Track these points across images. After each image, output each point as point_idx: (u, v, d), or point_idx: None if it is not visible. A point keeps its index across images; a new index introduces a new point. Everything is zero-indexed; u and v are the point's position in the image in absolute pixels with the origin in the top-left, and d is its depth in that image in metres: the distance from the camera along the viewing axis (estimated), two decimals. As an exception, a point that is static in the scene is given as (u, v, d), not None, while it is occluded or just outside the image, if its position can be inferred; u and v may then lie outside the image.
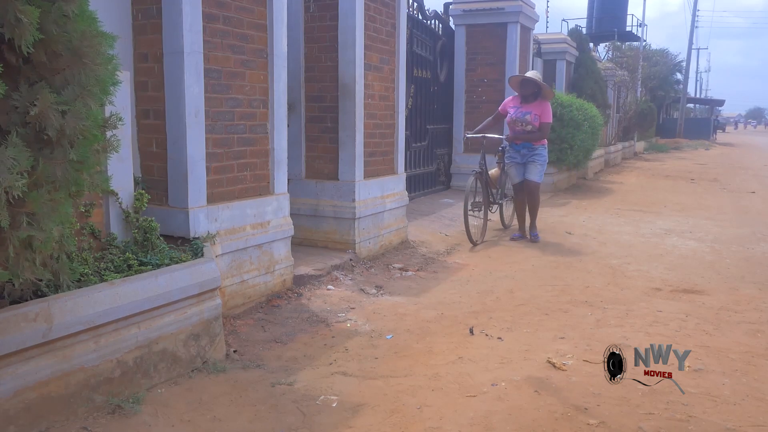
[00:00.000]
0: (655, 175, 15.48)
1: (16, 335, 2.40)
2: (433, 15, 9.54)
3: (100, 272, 3.03)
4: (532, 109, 6.70)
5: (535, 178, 6.85)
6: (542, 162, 6.86)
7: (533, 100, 6.76)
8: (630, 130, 21.41)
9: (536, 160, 6.81)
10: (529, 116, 6.68)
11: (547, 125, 6.77)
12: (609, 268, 5.65)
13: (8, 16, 1.85)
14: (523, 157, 6.84)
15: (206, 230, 3.84)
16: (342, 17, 5.42)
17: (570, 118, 10.68)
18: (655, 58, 28.70)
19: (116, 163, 3.23)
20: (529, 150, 6.79)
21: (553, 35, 14.65)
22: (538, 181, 6.88)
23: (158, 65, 3.74)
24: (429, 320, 4.17)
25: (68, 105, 2.06)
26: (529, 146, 6.77)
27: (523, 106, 6.78)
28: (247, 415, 2.81)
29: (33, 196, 2.01)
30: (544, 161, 6.88)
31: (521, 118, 6.72)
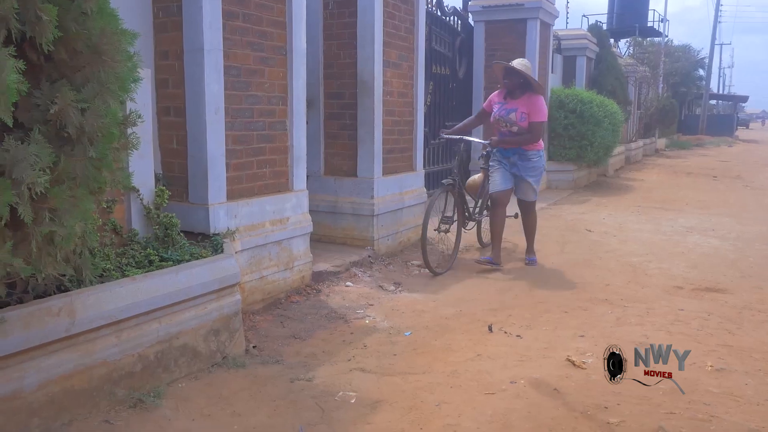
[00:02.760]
0: (676, 173, 15.30)
1: (39, 329, 2.43)
2: (452, 11, 9.49)
3: (122, 268, 3.06)
4: (519, 106, 5.37)
5: (530, 197, 5.62)
6: (537, 176, 5.54)
7: (520, 94, 5.41)
8: (651, 127, 21.17)
9: (529, 175, 5.47)
10: (515, 115, 5.36)
11: (538, 125, 5.36)
12: (629, 266, 5.60)
13: (29, 14, 1.87)
14: (513, 165, 5.49)
15: (226, 226, 3.86)
16: (361, 14, 5.42)
17: (590, 115, 10.60)
18: (677, 54, 28.32)
19: (137, 160, 3.26)
20: (520, 158, 5.44)
21: (573, 31, 14.52)
22: (533, 200, 5.68)
23: (179, 63, 3.77)
24: (447, 317, 4.16)
25: (88, 103, 2.08)
26: (520, 152, 5.44)
27: (508, 102, 5.47)
28: (266, 410, 2.82)
29: (55, 193, 2.03)
30: (539, 174, 5.56)
31: (505, 118, 5.41)
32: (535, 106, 5.34)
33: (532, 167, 5.46)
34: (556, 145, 10.88)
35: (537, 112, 5.33)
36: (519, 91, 5.40)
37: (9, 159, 1.87)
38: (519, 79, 5.35)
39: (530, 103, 5.34)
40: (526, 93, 5.38)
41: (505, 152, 5.49)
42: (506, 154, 5.49)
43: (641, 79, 19.10)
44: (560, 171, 11.03)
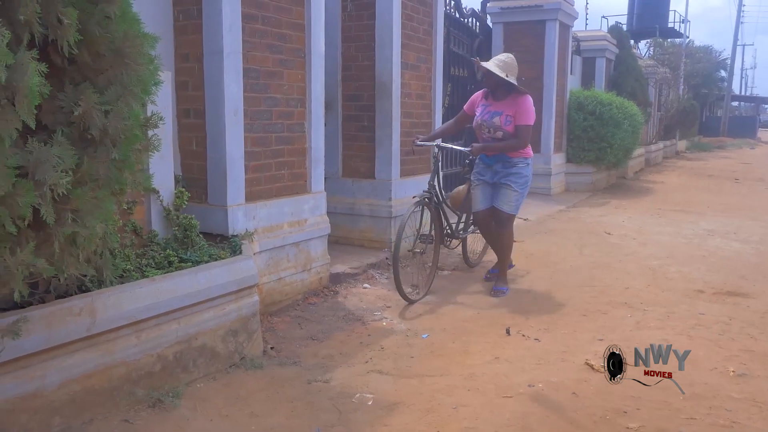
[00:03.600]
0: (697, 175, 15.13)
1: (61, 329, 2.46)
2: (470, 13, 9.47)
3: (142, 268, 3.09)
4: (504, 109, 4.64)
5: (507, 208, 4.71)
6: (520, 185, 4.70)
7: (505, 94, 4.68)
8: (672, 129, 20.94)
9: (511, 182, 4.67)
10: (498, 119, 4.63)
11: (526, 130, 4.62)
12: (649, 270, 5.54)
13: (51, 17, 1.90)
14: (495, 175, 4.74)
15: (244, 228, 3.88)
16: (379, 16, 5.43)
17: (610, 117, 10.52)
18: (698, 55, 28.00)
19: (158, 162, 3.29)
20: (503, 166, 4.70)
21: (592, 32, 14.43)
22: (512, 213, 4.75)
23: (198, 65, 3.80)
24: (465, 320, 4.15)
25: (111, 105, 2.11)
26: (504, 160, 4.69)
27: (491, 104, 4.74)
28: (283, 411, 2.83)
29: (77, 194, 2.06)
30: (523, 184, 4.73)
31: (488, 122, 4.68)
32: (522, 107, 4.61)
33: (516, 173, 4.68)
34: (575, 147, 10.81)
35: (524, 114, 4.61)
36: (503, 90, 4.67)
37: (32, 160, 1.89)
38: (499, 79, 4.61)
39: (516, 105, 4.61)
40: (512, 93, 4.66)
41: (487, 160, 4.78)
42: (488, 162, 4.77)
43: (662, 80, 18.92)
44: (579, 173, 10.95)
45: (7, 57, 1.72)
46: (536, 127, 9.89)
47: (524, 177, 4.73)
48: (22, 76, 1.76)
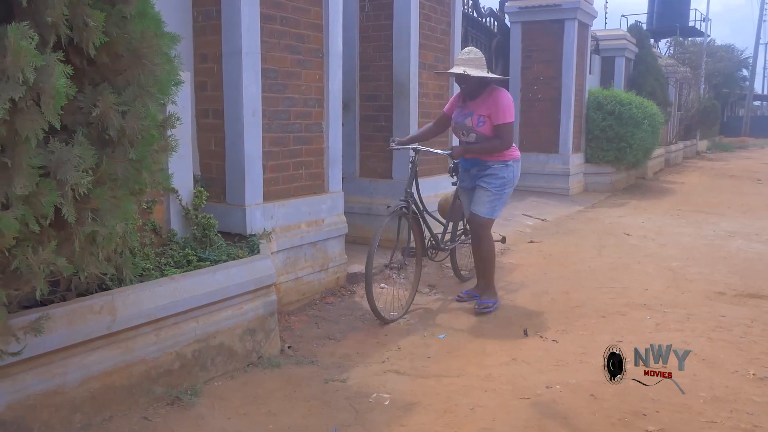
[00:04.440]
0: (718, 175, 14.94)
1: (82, 326, 2.49)
2: (488, 12, 9.45)
3: (161, 267, 3.12)
4: (475, 109, 4.21)
5: (480, 210, 4.23)
6: (496, 186, 4.21)
7: (479, 93, 4.24)
8: (692, 129, 20.71)
9: (484, 182, 4.23)
10: (470, 120, 4.21)
11: (505, 128, 4.13)
12: (669, 271, 5.48)
13: (77, 20, 1.92)
14: (472, 179, 4.38)
15: (262, 227, 3.90)
16: (397, 16, 5.43)
17: (629, 117, 10.44)
18: (719, 54, 27.68)
19: (177, 162, 3.32)
20: (480, 169, 4.30)
21: (611, 31, 14.31)
22: (486, 217, 4.24)
23: (217, 65, 3.82)
24: (482, 320, 4.14)
25: (128, 105, 2.13)
26: (480, 163, 4.29)
27: (466, 106, 4.32)
28: (300, 410, 2.84)
29: (97, 193, 2.08)
30: (500, 186, 4.22)
31: (460, 124, 4.31)
32: (498, 104, 4.12)
33: (490, 174, 4.22)
34: (594, 147, 10.73)
35: (500, 112, 4.12)
36: (478, 89, 4.23)
37: (54, 160, 1.92)
38: (476, 79, 4.17)
39: (491, 102, 4.14)
40: (487, 89, 4.22)
41: (464, 164, 4.45)
42: (466, 166, 4.44)
43: (682, 79, 18.72)
44: (598, 173, 10.87)
45: (36, 59, 1.74)
46: (554, 127, 9.98)
47: (501, 178, 4.22)
48: (49, 78, 1.79)
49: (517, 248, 6.38)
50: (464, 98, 4.36)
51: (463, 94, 4.35)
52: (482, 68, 4.19)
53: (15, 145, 1.81)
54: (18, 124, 1.78)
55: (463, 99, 4.37)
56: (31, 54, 1.73)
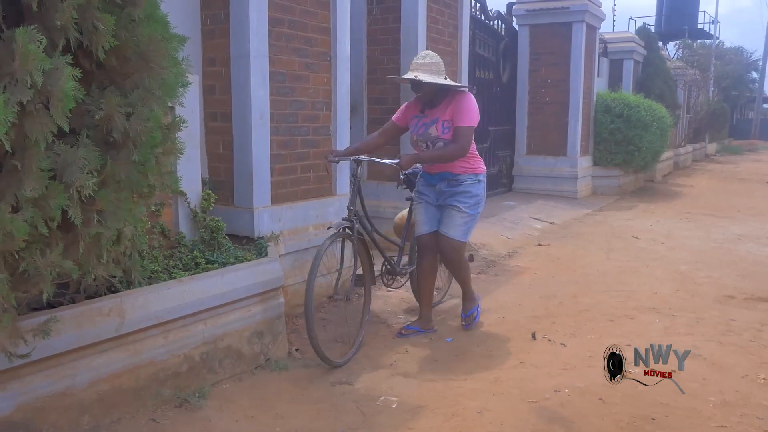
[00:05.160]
0: (727, 178, 14.87)
1: (91, 329, 2.50)
2: (495, 15, 9.44)
3: (169, 270, 3.12)
4: (439, 115, 3.73)
5: (454, 233, 3.78)
6: (470, 206, 3.77)
7: (441, 99, 3.75)
8: (701, 132, 20.62)
9: (458, 201, 3.76)
10: (434, 128, 3.73)
11: (465, 131, 3.65)
12: (678, 274, 5.45)
13: (86, 23, 1.93)
14: (439, 196, 3.85)
15: (270, 230, 3.91)
16: (404, 19, 5.43)
17: (637, 119, 10.41)
18: (728, 56, 27.59)
19: (185, 164, 3.32)
20: (449, 185, 3.80)
21: (619, 34, 14.27)
22: (461, 240, 3.81)
23: (225, 69, 3.83)
24: (490, 324, 4.12)
25: (133, 108, 2.13)
26: (448, 177, 3.79)
27: (426, 114, 3.81)
28: (308, 413, 2.84)
29: (102, 195, 2.09)
30: (474, 205, 3.79)
31: (423, 136, 3.79)
32: (460, 106, 3.68)
33: (463, 192, 3.77)
34: (602, 149, 10.70)
35: (462, 114, 3.66)
36: (439, 95, 3.76)
37: (60, 163, 1.92)
38: (435, 86, 3.71)
39: (454, 105, 3.71)
40: (449, 95, 3.76)
41: (429, 179, 3.90)
42: (431, 180, 3.89)
43: (691, 82, 18.64)
44: (606, 176, 10.83)
45: (44, 62, 1.75)
46: (562, 129, 9.95)
47: (474, 196, 3.77)
48: (57, 81, 1.80)
49: (524, 251, 6.37)
50: (422, 107, 3.84)
51: (421, 103, 3.84)
52: (439, 74, 3.70)
53: (25, 149, 1.82)
54: (27, 127, 1.79)
55: (421, 108, 3.84)
56: (39, 57, 1.74)
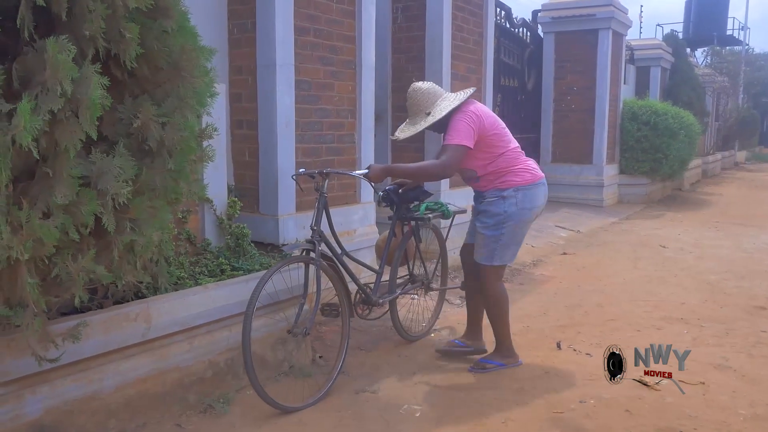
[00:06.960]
0: (757, 187, 14.60)
1: (118, 334, 2.54)
2: (521, 23, 9.42)
3: (195, 276, 3.15)
4: None
5: (480, 257, 3.43)
6: (489, 227, 3.35)
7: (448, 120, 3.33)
8: (730, 139, 20.32)
9: (480, 223, 3.42)
10: None
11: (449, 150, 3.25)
12: (707, 284, 5.36)
13: (113, 32, 1.98)
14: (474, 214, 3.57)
15: (295, 237, 3.93)
16: (429, 27, 5.44)
17: (665, 127, 10.29)
18: (758, 63, 27.06)
19: (212, 172, 3.36)
20: (476, 201, 3.52)
21: (646, 41, 14.16)
22: (486, 264, 3.40)
23: (251, 77, 3.88)
24: (514, 333, 4.07)
25: (167, 117, 2.17)
26: (475, 192, 3.52)
27: None
28: (331, 420, 2.84)
29: (135, 203, 2.12)
30: (495, 226, 3.34)
31: None
32: (450, 125, 3.30)
33: (483, 211, 3.41)
34: (629, 157, 10.59)
35: (449, 131, 3.29)
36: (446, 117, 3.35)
37: (95, 171, 1.97)
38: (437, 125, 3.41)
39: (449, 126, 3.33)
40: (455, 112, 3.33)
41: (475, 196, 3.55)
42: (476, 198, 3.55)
43: (720, 89, 18.38)
44: (632, 184, 10.71)
45: (72, 71, 1.79)
46: (588, 137, 9.87)
47: (494, 216, 3.34)
48: (86, 89, 1.84)
49: (549, 260, 6.31)
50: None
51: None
52: (423, 111, 3.42)
53: (56, 156, 1.86)
54: (58, 134, 1.83)
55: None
56: (69, 66, 1.78)
